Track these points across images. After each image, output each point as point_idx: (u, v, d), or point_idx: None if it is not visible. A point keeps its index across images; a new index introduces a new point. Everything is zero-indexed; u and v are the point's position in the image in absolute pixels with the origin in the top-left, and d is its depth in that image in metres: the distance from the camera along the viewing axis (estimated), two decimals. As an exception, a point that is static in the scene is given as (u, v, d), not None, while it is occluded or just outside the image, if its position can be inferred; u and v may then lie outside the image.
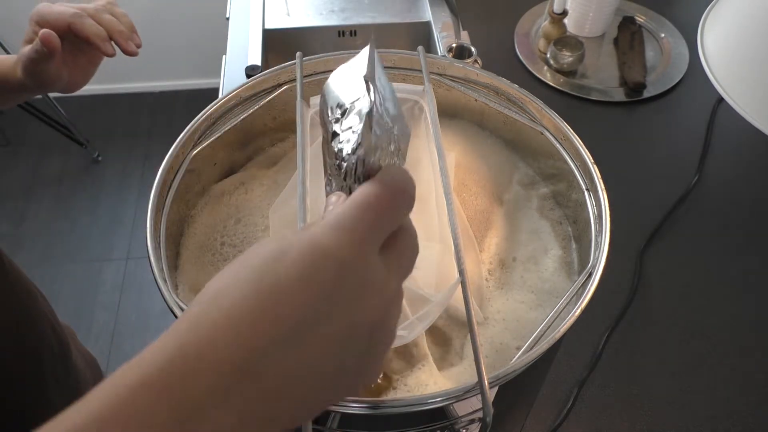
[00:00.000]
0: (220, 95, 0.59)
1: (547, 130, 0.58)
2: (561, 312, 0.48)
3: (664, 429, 0.70)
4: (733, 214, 0.91)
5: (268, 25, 1.13)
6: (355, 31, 1.15)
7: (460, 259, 0.43)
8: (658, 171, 0.96)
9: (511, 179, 0.63)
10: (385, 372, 0.49)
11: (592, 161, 0.54)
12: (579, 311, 0.43)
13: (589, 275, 0.47)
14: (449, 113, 0.66)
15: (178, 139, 0.55)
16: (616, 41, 1.15)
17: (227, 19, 1.16)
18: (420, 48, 0.59)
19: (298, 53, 0.58)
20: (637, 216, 0.89)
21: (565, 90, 1.06)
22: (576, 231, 0.58)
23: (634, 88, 1.05)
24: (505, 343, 0.51)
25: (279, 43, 1.15)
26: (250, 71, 1.00)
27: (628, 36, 1.14)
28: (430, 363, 0.49)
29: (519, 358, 0.43)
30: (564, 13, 1.08)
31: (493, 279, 0.56)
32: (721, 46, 0.68)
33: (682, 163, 0.96)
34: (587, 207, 0.53)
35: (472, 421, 0.43)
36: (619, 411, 0.72)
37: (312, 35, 1.15)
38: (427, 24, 1.15)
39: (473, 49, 0.98)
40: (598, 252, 0.48)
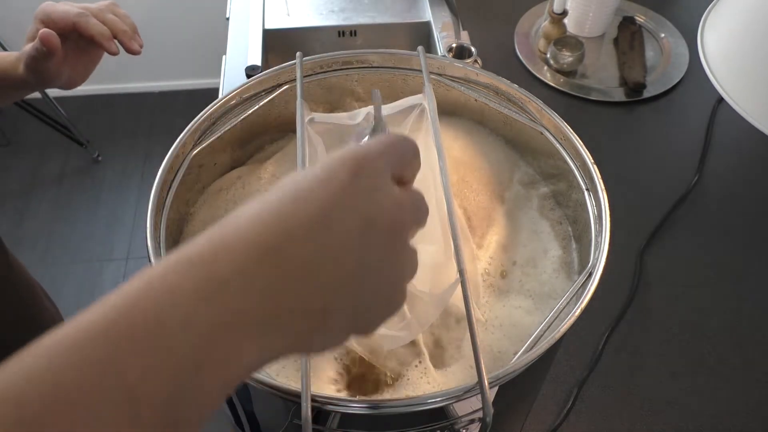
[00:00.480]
0: (220, 95, 0.59)
1: (547, 130, 0.58)
2: (561, 312, 0.48)
3: (664, 429, 0.70)
4: (733, 214, 0.91)
5: (268, 25, 1.13)
6: (355, 31, 1.15)
7: (460, 260, 0.43)
8: (658, 171, 0.96)
9: (512, 177, 0.63)
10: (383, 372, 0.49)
11: (592, 161, 0.54)
12: (579, 311, 0.43)
13: (589, 275, 0.47)
14: (449, 111, 0.66)
15: (178, 139, 0.55)
16: (616, 41, 1.15)
17: (227, 19, 1.16)
18: (420, 48, 0.59)
19: (298, 53, 0.58)
20: (637, 216, 0.89)
21: (565, 90, 1.06)
22: (576, 231, 0.58)
23: (634, 88, 1.05)
24: (503, 351, 0.51)
25: (279, 43, 1.15)
26: (250, 71, 1.00)
27: (628, 36, 1.14)
28: (427, 362, 0.49)
29: (519, 358, 0.43)
30: (564, 13, 1.08)
31: (491, 284, 0.56)
32: (721, 46, 0.68)
33: (682, 163, 0.96)
34: (587, 207, 0.53)
35: (472, 421, 0.43)
36: (619, 411, 0.72)
37: (312, 35, 1.15)
38: (427, 24, 1.15)
39: (473, 49, 0.98)
40: (598, 252, 0.48)
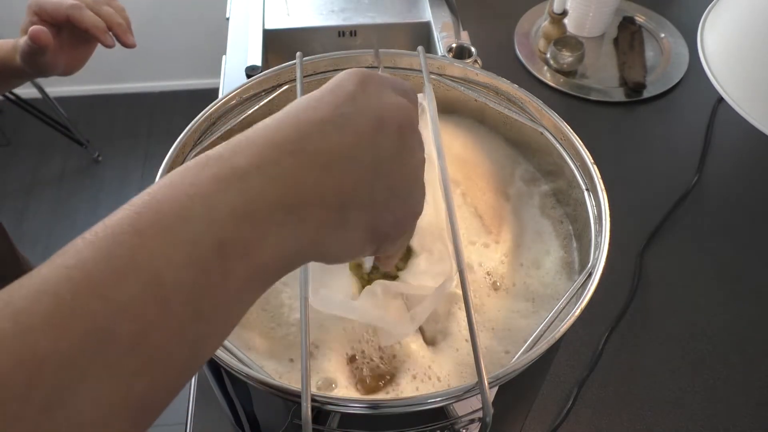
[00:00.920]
0: (220, 95, 0.59)
1: (547, 130, 0.58)
2: (560, 313, 0.48)
3: (664, 429, 0.70)
4: (733, 214, 0.91)
5: (268, 26, 1.13)
6: (355, 31, 1.15)
7: (460, 259, 0.43)
8: (658, 171, 0.96)
9: (513, 174, 0.63)
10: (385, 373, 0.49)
11: (592, 161, 0.54)
12: (579, 311, 0.43)
13: (589, 275, 0.47)
14: (449, 110, 0.66)
15: (178, 139, 0.55)
16: (616, 41, 1.15)
17: (227, 19, 1.16)
18: (420, 48, 0.59)
19: (298, 53, 0.58)
20: (637, 216, 0.89)
21: (565, 90, 1.06)
22: (576, 230, 0.58)
23: (634, 88, 1.05)
24: (492, 349, 0.51)
25: (279, 43, 1.15)
26: (250, 71, 1.00)
27: (628, 36, 1.14)
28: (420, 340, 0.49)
29: (519, 358, 0.43)
30: (564, 13, 1.08)
31: (499, 285, 0.55)
32: (721, 46, 0.68)
33: (682, 163, 0.96)
34: (587, 207, 0.53)
35: (472, 421, 0.43)
36: (619, 411, 0.72)
37: (312, 35, 1.15)
38: (427, 24, 1.15)
39: (473, 49, 0.98)
40: (597, 252, 0.48)
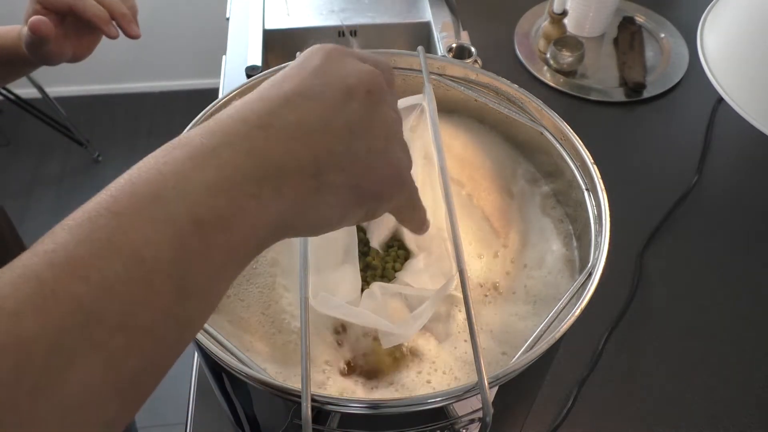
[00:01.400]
0: (220, 95, 0.59)
1: (547, 130, 0.58)
2: (560, 313, 0.47)
3: (664, 429, 0.70)
4: (733, 214, 0.91)
5: (268, 26, 1.13)
6: (355, 31, 1.15)
7: (460, 259, 0.43)
8: (658, 171, 0.96)
9: (515, 172, 0.63)
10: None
11: (592, 161, 0.54)
12: (579, 311, 0.43)
13: (589, 275, 0.47)
14: (449, 110, 0.66)
15: (178, 139, 0.55)
16: (616, 41, 1.15)
17: (227, 19, 1.16)
18: (420, 48, 0.59)
19: (298, 53, 0.58)
20: (637, 216, 0.89)
21: (565, 90, 1.06)
22: (576, 230, 0.58)
23: (634, 88, 1.05)
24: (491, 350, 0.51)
25: (279, 43, 1.15)
26: (250, 71, 1.00)
27: (628, 36, 1.14)
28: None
29: (519, 358, 0.43)
30: (564, 13, 1.08)
31: (501, 292, 0.55)
32: (721, 46, 0.68)
33: (682, 163, 0.96)
34: (587, 207, 0.53)
35: (472, 421, 0.43)
36: (619, 411, 0.72)
37: (312, 35, 1.15)
38: (427, 24, 1.15)
39: (473, 49, 0.98)
40: (597, 252, 0.48)
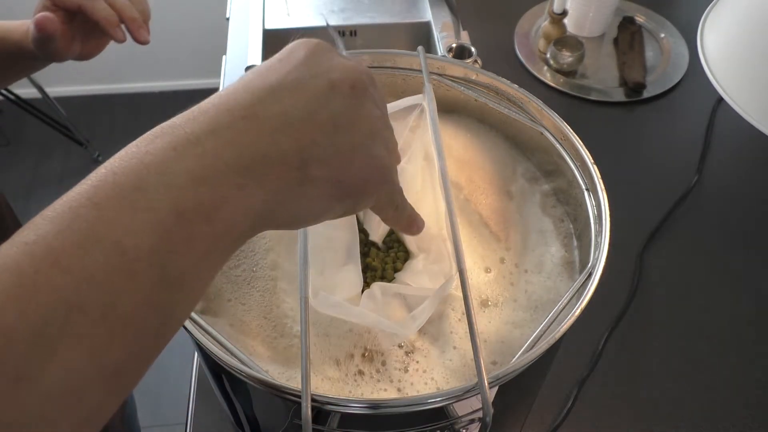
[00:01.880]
0: (220, 95, 0.59)
1: (547, 130, 0.58)
2: (560, 313, 0.47)
3: (664, 429, 0.70)
4: (733, 214, 0.91)
5: (268, 25, 1.13)
6: (355, 31, 1.15)
7: (460, 259, 0.43)
8: (658, 171, 0.96)
9: (515, 172, 0.63)
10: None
11: (592, 161, 0.54)
12: (579, 311, 0.43)
13: (589, 275, 0.47)
14: (449, 110, 0.66)
15: (178, 139, 0.55)
16: (616, 41, 1.15)
17: (227, 19, 1.16)
18: (420, 48, 0.59)
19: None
20: (637, 216, 0.89)
21: (565, 90, 1.06)
22: (577, 229, 0.58)
23: (634, 88, 1.05)
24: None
25: (279, 43, 1.14)
26: (250, 71, 1.00)
27: (628, 36, 1.14)
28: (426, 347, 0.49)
29: (519, 358, 0.43)
30: (564, 13, 1.08)
31: (500, 292, 0.55)
32: (721, 46, 0.68)
33: (682, 163, 0.96)
34: (587, 207, 0.53)
35: (472, 421, 0.43)
36: (619, 411, 0.72)
37: (312, 35, 1.15)
38: (427, 24, 1.15)
39: (473, 49, 0.98)
40: (597, 252, 0.48)
